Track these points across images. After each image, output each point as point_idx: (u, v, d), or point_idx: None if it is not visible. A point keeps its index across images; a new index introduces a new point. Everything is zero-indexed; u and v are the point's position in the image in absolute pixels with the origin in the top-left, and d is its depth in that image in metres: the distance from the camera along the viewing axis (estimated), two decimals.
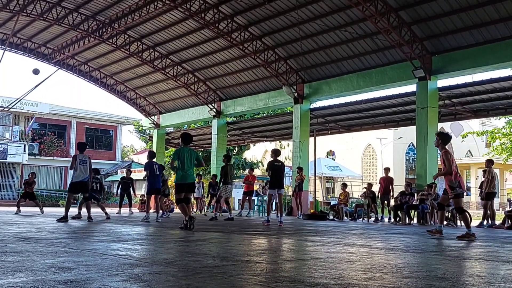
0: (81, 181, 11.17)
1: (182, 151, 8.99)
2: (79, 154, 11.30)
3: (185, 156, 8.94)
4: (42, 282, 3.32)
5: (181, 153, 8.97)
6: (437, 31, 16.12)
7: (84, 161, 11.22)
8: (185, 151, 9.01)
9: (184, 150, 9.03)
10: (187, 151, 9.06)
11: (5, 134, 35.90)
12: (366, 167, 39.87)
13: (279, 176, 11.77)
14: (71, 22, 21.83)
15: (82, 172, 11.13)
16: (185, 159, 8.93)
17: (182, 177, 9.00)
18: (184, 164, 8.92)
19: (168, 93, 28.03)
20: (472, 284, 3.64)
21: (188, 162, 8.96)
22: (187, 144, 9.28)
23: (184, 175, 8.97)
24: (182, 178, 9.01)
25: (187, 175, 9.01)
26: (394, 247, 6.78)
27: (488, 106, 19.30)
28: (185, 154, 8.97)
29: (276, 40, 20.20)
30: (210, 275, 3.81)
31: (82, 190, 11.48)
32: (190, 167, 9.03)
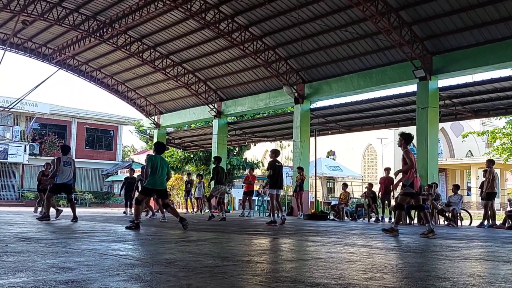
0: (65, 183, 11.27)
1: (155, 158, 9.31)
2: (62, 156, 11.41)
3: (158, 164, 9.23)
4: (43, 282, 3.32)
5: (154, 160, 9.28)
6: (437, 31, 16.11)
7: (68, 163, 11.32)
8: (158, 159, 9.33)
9: (157, 158, 9.36)
10: (160, 159, 9.38)
11: (5, 134, 35.91)
12: (366, 167, 39.84)
13: (280, 176, 12.04)
14: (72, 22, 21.84)
15: (67, 173, 11.23)
16: (158, 166, 9.21)
17: (152, 183, 9.27)
18: (156, 170, 9.19)
19: (169, 93, 28.03)
20: (473, 284, 3.64)
21: (160, 170, 9.24)
22: (161, 153, 9.71)
23: (155, 181, 9.25)
24: (152, 184, 9.28)
25: (157, 181, 9.27)
26: (394, 247, 6.78)
27: (488, 106, 19.29)
28: (158, 161, 9.27)
29: (276, 40, 20.21)
30: (211, 275, 3.81)
31: (66, 191, 11.63)
32: (162, 174, 9.29)
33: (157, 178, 9.24)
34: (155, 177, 9.23)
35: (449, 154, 40.52)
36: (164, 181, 9.50)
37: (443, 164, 34.34)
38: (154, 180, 9.25)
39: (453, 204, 14.85)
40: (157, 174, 9.22)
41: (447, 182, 37.38)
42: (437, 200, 15.17)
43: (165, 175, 9.43)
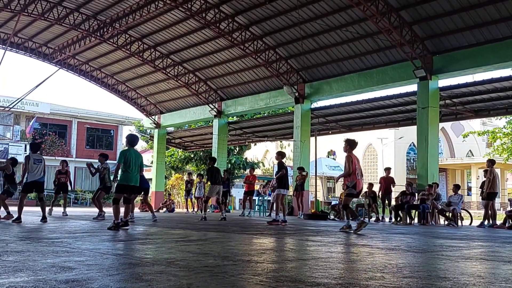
0: (36, 180, 10.85)
1: (129, 153, 8.84)
2: (32, 153, 11.00)
3: (131, 158, 8.77)
4: (43, 281, 3.32)
5: (128, 154, 8.79)
6: (438, 30, 16.10)
7: (39, 160, 10.92)
8: (131, 152, 8.88)
9: (131, 152, 8.90)
10: (133, 152, 8.95)
11: (6, 134, 35.92)
12: (367, 167, 39.84)
13: (287, 177, 12.38)
14: (72, 21, 21.83)
15: (37, 171, 10.81)
16: (131, 160, 8.75)
17: (125, 178, 8.79)
18: (130, 165, 8.73)
19: (169, 92, 28.03)
20: (473, 284, 3.64)
21: (133, 164, 8.78)
22: (133, 145, 9.25)
23: (128, 176, 8.77)
24: (126, 179, 8.79)
25: (131, 176, 8.79)
26: (395, 247, 6.78)
27: (489, 106, 19.28)
28: (131, 155, 8.81)
29: (277, 39, 20.20)
30: (211, 274, 3.81)
31: (37, 189, 11.19)
32: (135, 169, 8.83)
33: (130, 173, 8.77)
34: (128, 173, 8.75)
35: (449, 154, 40.54)
36: (138, 176, 8.99)
37: (443, 164, 34.36)
38: (128, 176, 8.77)
39: (454, 204, 14.85)
40: (131, 169, 8.75)
41: (447, 182, 37.39)
42: (437, 200, 15.18)
43: (138, 170, 8.93)
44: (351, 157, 9.37)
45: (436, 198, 15.12)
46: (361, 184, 9.50)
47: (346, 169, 9.36)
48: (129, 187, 8.91)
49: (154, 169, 30.10)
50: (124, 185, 8.85)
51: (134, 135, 9.76)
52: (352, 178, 9.27)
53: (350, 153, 9.49)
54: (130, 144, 9.19)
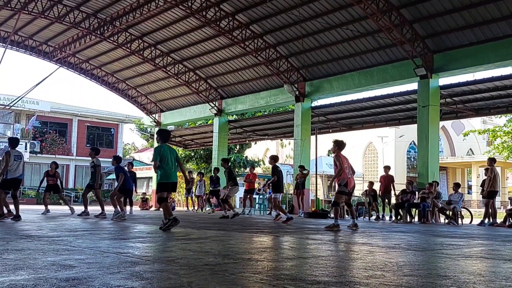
0: (16, 178, 10.38)
1: (163, 148, 8.48)
2: (11, 149, 10.45)
3: (167, 153, 8.42)
4: (44, 280, 3.32)
5: (162, 150, 8.44)
6: (438, 29, 16.09)
7: (19, 156, 10.43)
8: (166, 148, 8.51)
9: (164, 147, 8.52)
10: (167, 148, 8.57)
11: (6, 132, 35.93)
12: (367, 166, 39.85)
13: (281, 180, 12.55)
14: (72, 20, 21.82)
15: (19, 168, 10.29)
16: (167, 156, 8.39)
17: (165, 175, 8.39)
18: (166, 161, 8.36)
19: (169, 91, 28.03)
20: (473, 282, 3.63)
21: (170, 160, 8.40)
22: (166, 140, 8.82)
23: (167, 173, 8.39)
24: (166, 176, 8.40)
25: (170, 173, 8.42)
26: (395, 245, 6.78)
27: (489, 104, 19.28)
28: (166, 151, 8.45)
29: (277, 38, 20.19)
30: (212, 273, 3.81)
31: (14, 186, 10.65)
32: (173, 165, 8.46)
33: (169, 170, 8.36)
34: (166, 169, 8.35)
35: (450, 152, 40.53)
36: (176, 172, 8.57)
37: (444, 163, 34.35)
38: (166, 172, 8.36)
39: (454, 203, 14.85)
40: (169, 165, 8.35)
41: (448, 180, 37.39)
42: (437, 198, 15.17)
43: (175, 166, 8.51)
44: (340, 157, 9.75)
45: (437, 196, 15.12)
46: (352, 182, 9.82)
47: (337, 168, 9.71)
48: (170, 184, 8.51)
49: None
50: (165, 183, 8.45)
51: (166, 130, 9.19)
52: (343, 177, 9.61)
53: (339, 153, 9.87)
54: (162, 140, 8.72)
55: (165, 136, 8.86)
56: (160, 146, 8.55)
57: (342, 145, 10.08)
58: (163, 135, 8.83)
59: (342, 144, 10.09)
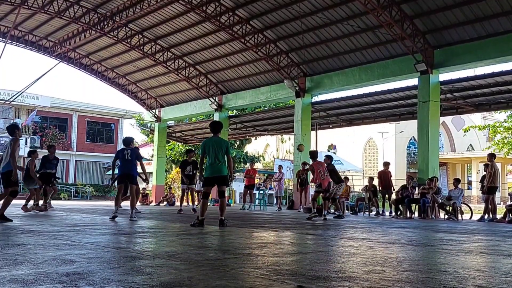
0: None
1: (207, 142, 8.38)
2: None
3: (210, 147, 8.26)
4: (44, 274, 3.33)
5: (207, 144, 8.33)
6: (439, 24, 16.05)
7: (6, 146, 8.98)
8: (209, 142, 8.35)
9: (210, 141, 8.38)
10: (213, 141, 8.35)
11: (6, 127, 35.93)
12: (367, 161, 39.85)
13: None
14: (72, 15, 21.76)
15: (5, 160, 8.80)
16: (210, 150, 8.24)
17: (209, 170, 8.32)
18: (209, 155, 8.26)
19: (170, 86, 28.00)
20: (473, 278, 3.64)
21: (212, 153, 8.22)
22: (217, 132, 8.55)
23: (208, 167, 8.29)
24: (209, 171, 8.31)
25: (211, 167, 8.26)
26: (395, 240, 6.79)
27: (490, 100, 19.25)
28: (210, 144, 8.30)
29: (277, 33, 20.15)
30: (212, 268, 3.82)
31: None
32: (216, 159, 8.23)
33: (210, 164, 8.23)
34: (208, 164, 8.25)
35: (450, 148, 40.53)
36: (220, 166, 8.26)
37: (444, 158, 34.35)
38: (209, 167, 8.26)
39: (454, 198, 14.86)
40: (211, 159, 8.20)
41: (448, 176, 37.39)
42: (437, 194, 15.18)
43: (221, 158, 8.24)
44: (313, 166, 12.16)
45: (437, 192, 15.12)
46: (326, 181, 12.01)
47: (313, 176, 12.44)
48: (214, 179, 8.31)
49: (154, 162, 30.11)
50: (208, 178, 8.32)
51: (215, 121, 8.91)
52: (317, 181, 11.98)
53: (313, 163, 12.19)
54: (213, 132, 8.54)
55: (216, 128, 8.60)
56: (207, 140, 8.45)
57: (315, 154, 12.49)
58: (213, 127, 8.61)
59: (315, 154, 12.51)
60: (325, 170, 12.10)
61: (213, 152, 8.23)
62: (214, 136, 8.50)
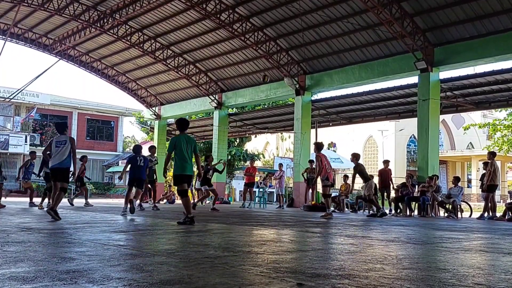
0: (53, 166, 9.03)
1: (178, 139, 8.24)
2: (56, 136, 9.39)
3: (180, 144, 8.15)
4: (44, 272, 3.33)
5: (177, 142, 8.20)
6: (439, 22, 16.03)
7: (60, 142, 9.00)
8: (182, 139, 8.23)
9: (181, 138, 8.26)
10: (183, 139, 8.26)
11: (6, 125, 35.93)
12: (367, 159, 39.84)
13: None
14: (72, 12, 21.73)
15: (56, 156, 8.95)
16: (180, 147, 8.14)
17: (181, 168, 8.21)
18: (179, 153, 8.17)
19: (169, 84, 27.99)
20: (473, 276, 3.65)
21: (182, 151, 8.13)
22: (184, 130, 8.51)
23: (183, 165, 8.18)
24: (181, 169, 8.20)
25: (186, 165, 8.19)
26: (394, 238, 6.79)
27: (490, 98, 19.24)
28: (180, 142, 8.19)
29: (277, 31, 20.13)
30: (212, 265, 3.82)
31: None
32: (189, 157, 8.20)
33: (183, 162, 8.15)
34: (181, 162, 8.15)
35: (450, 146, 40.52)
36: (191, 164, 8.30)
37: (443, 156, 34.36)
38: (181, 164, 8.17)
39: (454, 196, 14.86)
40: (184, 157, 8.14)
41: (447, 174, 37.41)
42: (437, 192, 15.18)
43: (191, 158, 8.23)
44: (319, 157, 11.65)
45: (436, 190, 15.13)
46: (332, 175, 11.85)
47: (318, 167, 11.70)
48: (185, 176, 8.26)
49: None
50: (180, 175, 8.23)
51: (183, 119, 8.91)
52: (324, 173, 11.52)
53: (319, 153, 11.76)
54: (180, 129, 8.49)
55: (183, 125, 8.56)
56: (176, 137, 8.39)
57: (321, 146, 12.14)
58: (180, 124, 8.57)
59: (321, 145, 12.17)
60: (329, 164, 11.97)
61: (184, 150, 8.17)
62: (182, 133, 8.45)
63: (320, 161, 11.56)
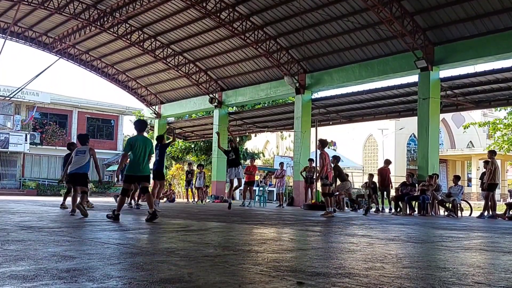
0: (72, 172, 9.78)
1: (135, 140, 8.34)
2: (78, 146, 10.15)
3: (137, 145, 8.24)
4: (45, 270, 3.33)
5: (134, 142, 8.28)
6: (439, 21, 16.02)
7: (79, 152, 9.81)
8: (138, 140, 8.32)
9: (138, 139, 8.35)
10: (141, 140, 8.36)
11: (6, 124, 35.92)
12: (367, 158, 39.85)
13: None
14: (72, 11, 21.72)
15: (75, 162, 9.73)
16: (138, 149, 8.23)
17: (132, 169, 8.33)
18: (136, 154, 8.25)
19: (169, 83, 27.98)
20: (473, 274, 3.65)
21: (138, 152, 8.23)
22: (141, 132, 8.62)
23: (135, 166, 8.29)
24: (132, 170, 8.32)
25: (137, 166, 8.28)
26: (394, 237, 6.79)
27: (490, 97, 19.24)
28: (137, 143, 8.27)
29: (278, 29, 20.12)
30: (212, 264, 3.82)
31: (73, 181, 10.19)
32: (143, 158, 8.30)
33: (136, 163, 8.24)
34: (134, 162, 8.25)
35: (450, 145, 40.52)
36: (148, 166, 8.46)
37: (444, 155, 34.37)
38: (133, 165, 8.27)
39: (454, 195, 14.87)
40: (137, 158, 8.23)
41: (447, 173, 37.42)
42: (437, 191, 15.19)
43: (146, 159, 8.36)
44: (324, 154, 11.63)
45: (437, 189, 15.13)
46: (331, 175, 12.08)
47: (322, 164, 11.60)
48: (136, 177, 8.43)
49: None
50: (130, 175, 8.37)
51: (142, 120, 9.08)
52: (324, 171, 11.51)
53: (323, 151, 11.71)
54: (138, 131, 8.60)
55: (141, 127, 8.68)
56: (133, 138, 8.53)
57: (325, 143, 11.99)
58: (138, 126, 8.67)
59: (325, 142, 12.02)
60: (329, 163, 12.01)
61: (140, 151, 8.25)
62: (140, 134, 8.55)
63: (324, 158, 11.54)
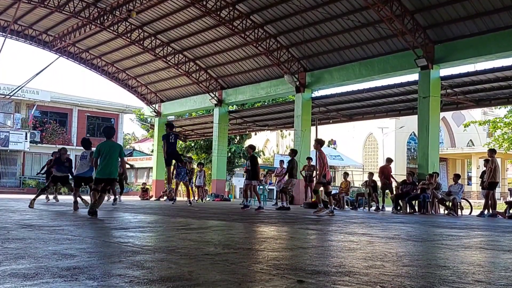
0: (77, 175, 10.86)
1: (102, 146, 8.90)
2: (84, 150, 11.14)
3: (104, 150, 8.82)
4: (45, 268, 3.34)
5: (102, 147, 8.87)
6: (440, 19, 16.01)
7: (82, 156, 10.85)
8: (105, 146, 8.88)
9: (105, 144, 8.91)
10: (108, 145, 8.91)
11: (6, 122, 35.90)
12: (367, 156, 39.85)
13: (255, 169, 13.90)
14: (72, 9, 21.71)
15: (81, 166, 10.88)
16: (105, 153, 8.81)
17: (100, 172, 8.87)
18: (104, 158, 8.82)
19: (170, 81, 27.97)
20: (473, 273, 3.65)
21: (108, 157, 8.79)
22: (109, 137, 9.22)
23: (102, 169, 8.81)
24: (100, 173, 8.86)
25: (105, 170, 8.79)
26: (395, 236, 6.80)
27: (490, 95, 19.24)
28: (104, 148, 8.85)
29: (278, 28, 20.10)
30: (212, 262, 3.82)
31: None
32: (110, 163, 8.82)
33: (104, 166, 8.79)
34: (103, 166, 8.81)
35: (450, 143, 40.52)
36: (114, 169, 8.93)
37: (444, 154, 34.36)
38: (101, 169, 8.82)
39: (454, 194, 14.88)
40: (105, 162, 8.80)
41: (448, 171, 37.42)
42: (437, 189, 15.20)
43: (114, 163, 8.90)
44: (323, 153, 11.82)
45: (437, 187, 15.14)
46: (329, 174, 12.17)
47: (321, 163, 11.71)
48: (103, 180, 8.97)
49: (154, 157, 30.12)
50: (98, 178, 9.05)
51: (109, 127, 9.91)
52: (323, 170, 11.53)
53: (321, 150, 11.93)
54: (106, 137, 9.23)
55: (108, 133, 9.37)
56: (101, 143, 9.00)
57: (322, 142, 12.20)
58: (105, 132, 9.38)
59: (322, 142, 12.24)
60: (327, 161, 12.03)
61: (107, 155, 8.84)
62: (108, 140, 9.15)
63: (323, 158, 11.65)
